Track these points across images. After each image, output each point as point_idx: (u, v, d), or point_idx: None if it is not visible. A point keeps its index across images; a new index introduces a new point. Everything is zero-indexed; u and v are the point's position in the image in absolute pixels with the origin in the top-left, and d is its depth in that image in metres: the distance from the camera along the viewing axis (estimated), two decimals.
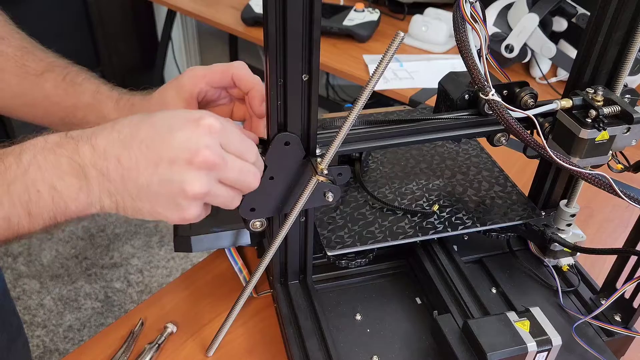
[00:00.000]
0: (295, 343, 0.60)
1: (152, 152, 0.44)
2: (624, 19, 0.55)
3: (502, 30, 1.27)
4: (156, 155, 0.44)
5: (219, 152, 0.45)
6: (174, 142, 0.44)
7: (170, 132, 0.44)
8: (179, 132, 0.44)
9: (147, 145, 0.44)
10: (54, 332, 1.75)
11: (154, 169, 0.44)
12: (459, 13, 0.51)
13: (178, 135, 0.44)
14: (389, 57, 0.45)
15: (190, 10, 1.66)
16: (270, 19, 0.45)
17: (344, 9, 1.55)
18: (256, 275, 0.58)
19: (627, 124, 0.54)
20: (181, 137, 0.44)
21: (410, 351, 0.62)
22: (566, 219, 0.66)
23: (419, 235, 0.66)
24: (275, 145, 0.52)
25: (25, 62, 0.64)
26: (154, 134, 0.44)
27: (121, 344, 0.65)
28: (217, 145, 0.45)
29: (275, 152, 0.52)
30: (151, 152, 0.44)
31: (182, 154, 0.44)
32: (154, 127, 0.45)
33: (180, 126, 0.44)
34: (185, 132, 0.44)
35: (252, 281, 0.59)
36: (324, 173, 0.51)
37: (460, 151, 0.81)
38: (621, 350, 0.66)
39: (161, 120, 0.45)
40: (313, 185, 0.52)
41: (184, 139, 0.44)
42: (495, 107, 0.51)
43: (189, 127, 0.44)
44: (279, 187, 0.54)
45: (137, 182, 0.44)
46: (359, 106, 0.48)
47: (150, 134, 0.44)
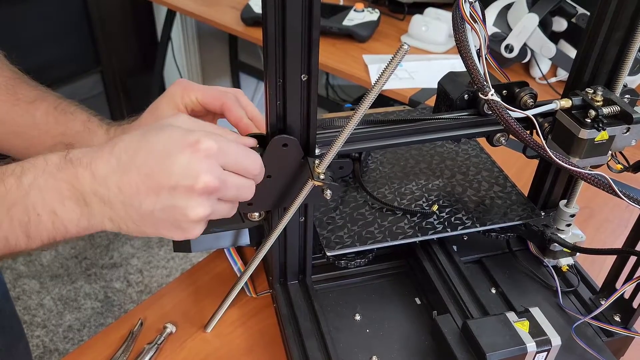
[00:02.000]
0: (295, 343, 0.60)
1: (152, 180, 0.44)
2: (624, 19, 0.55)
3: (502, 30, 1.27)
4: (157, 183, 0.44)
5: (218, 176, 0.45)
6: (173, 169, 0.44)
7: (169, 158, 0.44)
8: (177, 158, 0.44)
9: (147, 173, 0.44)
10: (54, 332, 1.75)
11: (155, 197, 0.44)
12: (458, 13, 0.51)
13: (177, 162, 0.43)
14: (392, 69, 0.44)
15: (190, 10, 1.66)
16: (270, 18, 0.45)
17: (344, 9, 1.55)
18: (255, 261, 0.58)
19: (627, 124, 0.54)
20: (180, 164, 0.43)
21: (410, 351, 0.62)
22: (566, 219, 0.66)
23: (419, 236, 0.66)
24: (272, 146, 0.52)
25: (17, 90, 0.64)
26: (153, 161, 0.44)
27: (121, 344, 0.65)
28: (217, 168, 0.45)
29: (272, 153, 0.52)
30: (151, 180, 0.44)
31: (183, 181, 0.44)
32: (152, 153, 0.44)
33: (178, 151, 0.44)
34: (184, 157, 0.44)
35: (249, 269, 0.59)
36: (320, 177, 0.51)
37: (460, 151, 0.81)
38: (621, 350, 0.66)
39: (158, 143, 0.44)
40: (308, 189, 0.52)
41: (183, 166, 0.44)
42: (494, 107, 0.51)
43: (187, 151, 0.44)
44: (276, 184, 0.54)
45: (139, 209, 0.44)
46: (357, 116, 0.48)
47: (149, 161, 0.44)
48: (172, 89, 0.61)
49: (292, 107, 0.50)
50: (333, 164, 0.53)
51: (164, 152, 0.44)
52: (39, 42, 1.89)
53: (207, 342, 0.66)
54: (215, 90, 0.61)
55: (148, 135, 0.45)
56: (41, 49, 1.91)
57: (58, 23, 1.97)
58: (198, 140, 0.44)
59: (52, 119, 0.63)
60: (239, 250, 0.76)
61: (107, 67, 2.16)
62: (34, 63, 0.62)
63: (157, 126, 0.46)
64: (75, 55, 2.08)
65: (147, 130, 0.45)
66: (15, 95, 0.63)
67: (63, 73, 2.03)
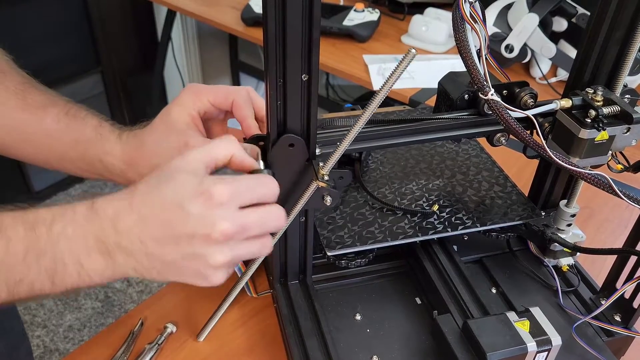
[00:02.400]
0: (295, 343, 0.60)
1: (171, 230, 0.45)
2: (624, 19, 0.55)
3: (502, 30, 1.27)
4: (175, 233, 0.45)
5: (235, 220, 0.46)
6: (189, 220, 0.45)
7: (182, 209, 0.45)
8: (191, 208, 0.44)
9: (165, 225, 0.45)
10: (54, 332, 1.75)
11: (175, 247, 0.45)
12: (458, 13, 0.51)
13: (191, 212, 0.44)
14: (398, 74, 0.44)
15: (190, 10, 1.66)
16: (270, 18, 0.45)
17: (344, 9, 1.55)
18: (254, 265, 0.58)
19: (627, 124, 0.54)
20: (195, 214, 0.44)
21: (410, 351, 0.62)
22: (566, 219, 0.66)
23: (419, 235, 0.66)
24: (279, 146, 0.52)
25: (27, 96, 0.63)
26: (169, 213, 0.45)
27: (121, 344, 0.65)
28: (233, 212, 0.46)
29: (278, 153, 0.52)
30: (170, 231, 0.45)
31: (200, 230, 0.45)
32: (167, 204, 0.45)
33: (191, 201, 0.45)
34: (197, 207, 0.44)
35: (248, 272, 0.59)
36: (324, 179, 0.51)
37: (460, 151, 0.81)
38: (621, 350, 0.66)
39: (171, 194, 0.45)
40: (312, 190, 0.52)
41: (198, 217, 0.44)
42: (494, 107, 0.51)
43: (200, 201, 0.45)
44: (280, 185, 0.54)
45: (162, 259, 0.46)
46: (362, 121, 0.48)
47: (165, 213, 0.45)
48: (184, 96, 0.61)
49: (292, 107, 0.50)
50: (332, 174, 0.53)
51: (178, 203, 0.45)
52: (39, 42, 1.88)
53: (207, 342, 0.66)
54: (225, 89, 0.61)
55: (161, 186, 0.46)
56: (41, 49, 1.91)
57: (58, 23, 1.97)
58: (209, 188, 0.45)
59: (63, 126, 0.62)
60: None
61: (107, 67, 2.16)
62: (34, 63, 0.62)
63: (168, 174, 0.46)
64: (75, 55, 2.08)
65: (160, 179, 0.46)
66: (24, 101, 0.63)
67: (63, 73, 2.03)
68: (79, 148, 0.62)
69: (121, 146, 0.62)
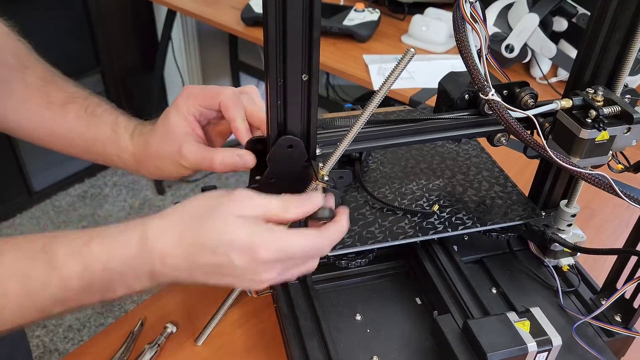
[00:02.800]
0: (295, 343, 0.60)
1: (217, 270, 0.48)
2: (624, 19, 0.55)
3: (503, 30, 1.27)
4: (221, 272, 0.48)
5: (280, 277, 0.50)
6: (235, 268, 0.47)
7: (229, 259, 0.47)
8: (238, 262, 0.47)
9: (211, 266, 0.48)
10: (54, 332, 1.75)
11: (221, 278, 0.49)
12: (458, 13, 0.51)
13: (237, 264, 0.47)
14: (397, 73, 0.44)
15: (190, 10, 1.66)
16: (270, 18, 0.45)
17: (344, 9, 1.55)
18: None
19: (627, 124, 0.54)
20: (240, 266, 0.47)
21: (410, 351, 0.62)
22: (566, 219, 0.66)
23: (419, 236, 0.66)
24: (278, 147, 0.51)
25: (49, 92, 0.65)
26: (216, 257, 0.47)
27: (121, 344, 0.65)
28: (278, 271, 0.49)
29: (277, 155, 0.52)
30: (217, 270, 0.48)
31: (245, 276, 0.48)
32: (215, 249, 0.47)
33: (238, 255, 0.47)
34: (244, 261, 0.47)
35: None
36: (324, 179, 0.51)
37: (461, 151, 0.81)
38: (621, 350, 0.66)
39: (219, 243, 0.47)
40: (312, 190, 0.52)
41: (243, 268, 0.47)
42: (495, 107, 0.51)
43: (246, 257, 0.47)
44: (279, 187, 0.54)
45: (207, 283, 0.49)
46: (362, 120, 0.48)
47: (213, 257, 0.47)
48: (179, 99, 0.61)
49: (292, 107, 0.50)
50: (333, 174, 0.53)
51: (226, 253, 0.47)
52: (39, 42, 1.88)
53: (207, 343, 0.66)
54: (212, 89, 0.61)
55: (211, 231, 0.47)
56: (41, 49, 1.91)
57: (58, 23, 1.97)
58: (256, 249, 0.47)
59: (83, 123, 0.64)
60: None
61: (107, 67, 2.16)
62: None
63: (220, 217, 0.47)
64: (75, 55, 2.08)
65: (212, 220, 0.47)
66: (47, 98, 0.64)
67: (63, 73, 2.02)
68: (98, 145, 0.64)
69: (132, 145, 0.63)
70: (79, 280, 0.46)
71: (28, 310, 0.46)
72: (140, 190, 2.31)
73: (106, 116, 0.65)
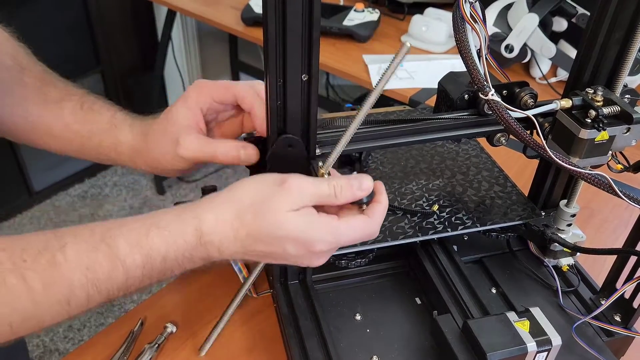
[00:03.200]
0: (295, 343, 0.60)
1: (271, 257, 0.51)
2: (624, 19, 0.55)
3: (502, 30, 1.27)
4: (275, 258, 0.51)
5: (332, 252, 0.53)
6: (289, 256, 0.50)
7: (284, 249, 0.49)
8: (293, 252, 0.49)
9: (266, 254, 0.50)
10: (54, 332, 1.75)
11: (274, 260, 0.52)
12: (458, 13, 0.51)
13: (292, 253, 0.50)
14: (394, 67, 0.44)
15: (190, 10, 1.66)
16: (270, 18, 0.45)
17: (344, 9, 1.55)
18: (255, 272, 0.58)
19: (627, 124, 0.54)
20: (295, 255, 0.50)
21: (410, 351, 0.62)
22: (566, 219, 0.66)
23: (419, 236, 0.66)
24: (277, 147, 0.51)
25: (46, 92, 0.65)
26: (271, 247, 0.49)
27: (121, 344, 0.65)
28: (329, 255, 0.52)
29: (277, 154, 0.52)
30: (270, 257, 0.51)
31: (299, 262, 0.51)
32: (270, 241, 0.49)
33: (293, 246, 0.49)
34: (298, 251, 0.50)
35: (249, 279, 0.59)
36: None
37: (460, 151, 0.81)
38: (621, 350, 0.66)
39: (275, 235, 0.48)
40: None
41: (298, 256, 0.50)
42: (494, 107, 0.51)
43: (301, 249, 0.49)
44: None
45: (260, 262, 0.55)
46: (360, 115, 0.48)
47: (268, 247, 0.49)
48: (188, 91, 0.61)
49: (292, 108, 0.50)
50: None
51: (280, 244, 0.49)
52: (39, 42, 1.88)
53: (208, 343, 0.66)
54: (226, 83, 0.61)
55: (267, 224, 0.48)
56: (41, 49, 1.91)
57: (58, 23, 1.96)
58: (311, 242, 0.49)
59: (80, 119, 0.64)
60: None
61: (107, 67, 2.16)
62: None
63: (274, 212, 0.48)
64: (75, 55, 2.08)
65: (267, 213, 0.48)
66: (44, 97, 0.65)
67: (63, 73, 2.02)
68: (95, 139, 0.64)
69: (132, 136, 0.63)
70: (141, 270, 0.48)
71: (94, 298, 0.47)
72: (141, 190, 2.31)
73: (104, 111, 0.65)
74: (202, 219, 0.49)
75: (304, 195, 0.48)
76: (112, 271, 0.47)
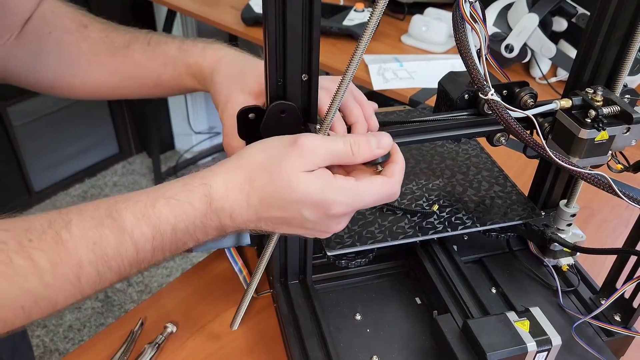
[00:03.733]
0: (295, 343, 0.60)
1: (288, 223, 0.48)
2: (624, 19, 0.55)
3: (502, 30, 1.27)
4: (291, 224, 0.48)
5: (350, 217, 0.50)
6: (306, 222, 0.48)
7: (301, 214, 0.47)
8: (310, 216, 0.47)
9: (282, 220, 0.48)
10: (54, 332, 1.75)
11: (290, 228, 0.49)
12: (458, 13, 0.51)
13: (309, 219, 0.47)
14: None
15: (190, 10, 1.66)
16: (270, 18, 0.45)
17: (344, 9, 1.55)
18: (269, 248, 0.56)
19: (627, 124, 0.54)
20: (312, 220, 0.47)
21: (410, 351, 0.62)
22: (566, 219, 0.66)
23: (419, 235, 0.66)
24: (270, 114, 0.50)
25: (112, 40, 0.69)
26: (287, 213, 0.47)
27: (121, 344, 0.65)
28: (348, 219, 0.50)
29: (270, 123, 0.50)
30: (287, 223, 0.48)
31: (317, 228, 0.49)
32: (285, 206, 0.47)
33: (310, 210, 0.47)
34: (315, 216, 0.47)
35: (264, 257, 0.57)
36: None
37: (460, 151, 0.81)
38: (621, 350, 0.66)
39: (289, 199, 0.46)
40: None
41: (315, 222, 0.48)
42: (494, 107, 0.51)
43: (318, 213, 0.47)
44: None
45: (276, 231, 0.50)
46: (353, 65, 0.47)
47: (284, 212, 0.47)
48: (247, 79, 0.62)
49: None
50: None
51: (297, 209, 0.47)
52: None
53: (207, 342, 0.66)
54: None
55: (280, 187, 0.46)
56: None
57: None
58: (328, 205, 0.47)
59: (149, 55, 0.68)
60: (239, 250, 0.76)
61: None
62: None
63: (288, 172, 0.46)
64: None
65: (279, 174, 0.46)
66: (112, 46, 0.69)
67: None
68: (168, 69, 0.67)
69: (203, 58, 0.66)
70: (151, 242, 0.46)
71: (105, 275, 0.45)
72: None
73: (170, 42, 0.68)
74: (211, 185, 0.46)
75: (318, 154, 0.46)
76: (120, 245, 0.45)
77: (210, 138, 2.52)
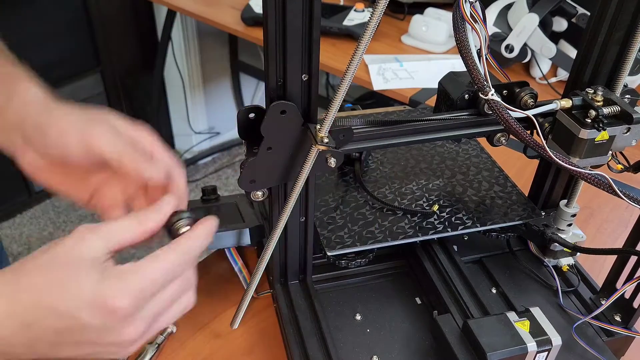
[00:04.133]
0: (295, 343, 0.60)
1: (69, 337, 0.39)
2: (624, 19, 0.55)
3: (502, 30, 1.27)
4: (74, 339, 0.40)
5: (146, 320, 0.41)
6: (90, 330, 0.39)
7: (79, 320, 0.38)
8: (91, 321, 0.38)
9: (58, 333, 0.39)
10: None
11: (75, 348, 0.40)
12: (458, 13, 0.51)
13: (91, 324, 0.39)
14: None
15: (190, 10, 1.66)
16: (270, 18, 0.45)
17: (344, 9, 1.55)
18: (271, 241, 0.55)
19: (627, 124, 0.54)
20: (95, 326, 0.39)
21: (410, 351, 0.62)
22: (566, 219, 0.66)
23: (419, 236, 0.66)
24: (270, 114, 0.49)
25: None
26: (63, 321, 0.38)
27: None
28: (140, 315, 0.41)
29: (271, 122, 0.50)
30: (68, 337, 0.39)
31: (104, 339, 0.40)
32: (59, 311, 0.38)
33: (89, 313, 0.38)
34: (97, 320, 0.39)
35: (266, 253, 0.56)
36: (324, 141, 0.49)
37: (460, 151, 0.81)
38: (621, 350, 0.66)
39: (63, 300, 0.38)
40: (314, 156, 0.50)
41: (99, 328, 0.39)
42: (494, 107, 0.51)
43: (99, 314, 0.38)
44: (278, 157, 0.52)
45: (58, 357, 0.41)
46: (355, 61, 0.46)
47: (59, 321, 0.38)
48: None
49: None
50: (334, 134, 0.51)
51: (73, 315, 0.38)
52: (39, 42, 1.88)
53: (207, 342, 0.66)
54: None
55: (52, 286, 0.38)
56: (41, 49, 1.91)
57: (58, 23, 1.97)
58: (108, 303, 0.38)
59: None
60: (239, 249, 0.76)
61: (107, 67, 2.16)
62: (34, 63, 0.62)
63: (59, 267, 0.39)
64: (75, 55, 2.08)
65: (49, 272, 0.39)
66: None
67: (63, 73, 2.02)
68: None
69: None
70: None
71: None
72: None
73: None
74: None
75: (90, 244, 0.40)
76: None
77: (210, 138, 2.52)
